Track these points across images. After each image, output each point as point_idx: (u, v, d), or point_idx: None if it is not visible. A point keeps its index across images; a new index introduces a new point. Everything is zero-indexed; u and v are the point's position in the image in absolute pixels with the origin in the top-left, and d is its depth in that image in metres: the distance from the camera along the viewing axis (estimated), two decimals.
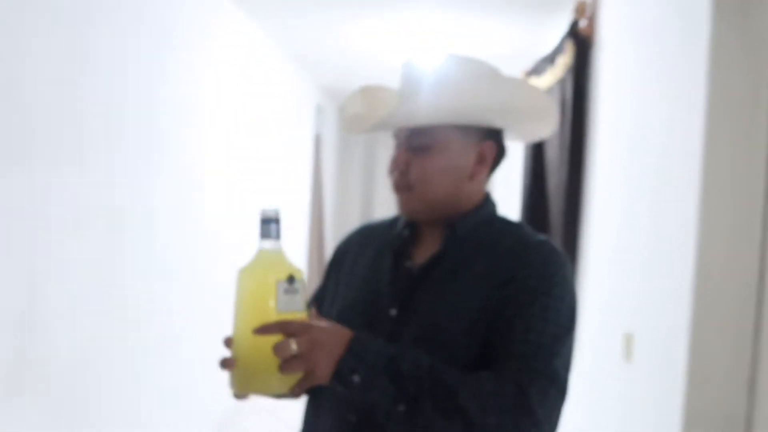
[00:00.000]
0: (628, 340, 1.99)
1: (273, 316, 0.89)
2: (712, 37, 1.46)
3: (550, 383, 0.89)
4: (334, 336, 0.86)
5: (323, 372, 0.84)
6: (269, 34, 4.06)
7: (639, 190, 2.01)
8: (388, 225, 1.11)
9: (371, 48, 4.27)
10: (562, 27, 2.95)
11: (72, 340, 2.01)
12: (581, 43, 2.65)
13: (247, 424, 3.71)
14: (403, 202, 1.02)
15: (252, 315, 0.89)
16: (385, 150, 2.60)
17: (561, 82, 2.86)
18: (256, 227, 0.91)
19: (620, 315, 2.13)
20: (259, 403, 4.21)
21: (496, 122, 1.01)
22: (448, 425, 0.85)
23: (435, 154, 0.98)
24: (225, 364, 0.87)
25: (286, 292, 0.93)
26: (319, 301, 1.13)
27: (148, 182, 2.48)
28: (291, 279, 0.94)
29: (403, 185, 1.00)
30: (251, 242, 1.01)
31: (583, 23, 2.64)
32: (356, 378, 0.84)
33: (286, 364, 0.82)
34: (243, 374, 0.91)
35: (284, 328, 0.83)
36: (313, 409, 1.06)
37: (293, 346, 0.82)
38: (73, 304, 2.00)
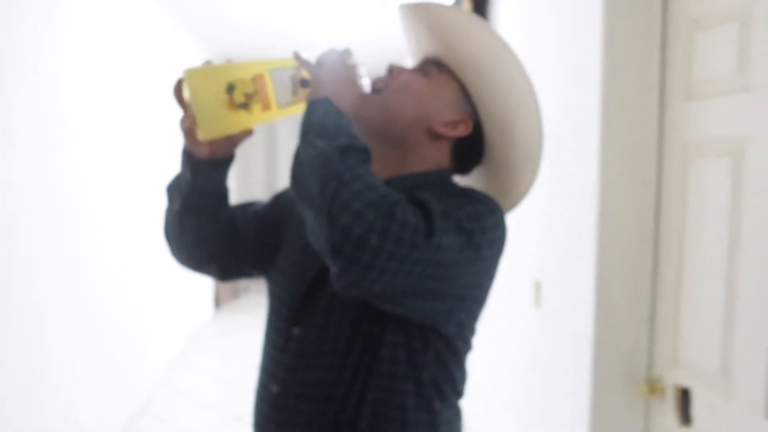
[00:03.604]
0: (537, 287, 2.07)
1: (258, 69, 0.90)
2: None
3: (422, 215, 0.79)
4: (348, 86, 0.90)
5: (323, 89, 0.88)
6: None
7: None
8: None
9: (261, 8, 4.07)
10: None
11: None
12: None
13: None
14: (363, 104, 0.95)
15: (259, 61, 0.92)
16: None
17: None
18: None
19: (530, 264, 2.20)
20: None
21: (475, 80, 0.95)
22: (321, 182, 0.78)
23: (425, 81, 0.97)
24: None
25: (291, 78, 0.92)
26: (251, 209, 1.12)
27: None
28: (305, 81, 0.91)
29: (378, 86, 0.97)
30: (135, 220, 0.92)
31: None
32: (320, 110, 0.85)
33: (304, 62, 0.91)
34: (201, 86, 0.90)
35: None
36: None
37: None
38: None
